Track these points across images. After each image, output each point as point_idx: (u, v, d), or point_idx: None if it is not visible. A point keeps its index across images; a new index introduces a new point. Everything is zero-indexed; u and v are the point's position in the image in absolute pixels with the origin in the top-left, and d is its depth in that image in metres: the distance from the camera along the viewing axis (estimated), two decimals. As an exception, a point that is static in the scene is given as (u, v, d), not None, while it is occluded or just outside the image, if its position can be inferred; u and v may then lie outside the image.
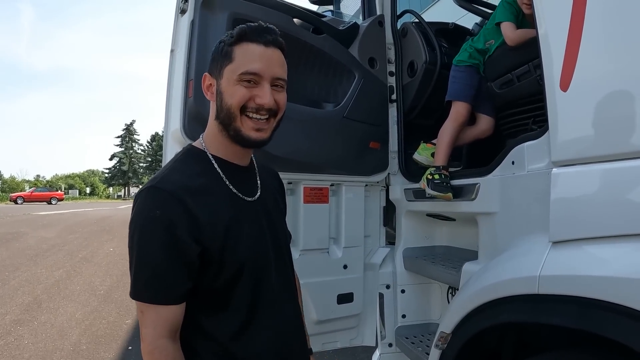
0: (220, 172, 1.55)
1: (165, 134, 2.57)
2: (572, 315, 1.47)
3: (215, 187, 1.52)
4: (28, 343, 5.73)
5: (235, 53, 1.49)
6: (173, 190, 1.40)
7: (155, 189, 1.42)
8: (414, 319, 3.18)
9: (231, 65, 1.49)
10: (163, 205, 1.38)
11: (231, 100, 1.47)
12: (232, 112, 1.47)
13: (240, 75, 1.46)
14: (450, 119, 2.90)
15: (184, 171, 1.51)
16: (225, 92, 1.49)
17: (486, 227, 2.30)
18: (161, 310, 1.38)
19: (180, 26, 2.54)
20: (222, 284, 1.48)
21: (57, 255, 11.69)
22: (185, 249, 1.38)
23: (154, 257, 1.38)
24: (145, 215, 1.40)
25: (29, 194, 53.14)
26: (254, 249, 1.55)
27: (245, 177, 1.65)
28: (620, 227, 1.45)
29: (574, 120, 1.67)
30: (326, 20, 3.11)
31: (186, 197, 1.41)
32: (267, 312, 1.57)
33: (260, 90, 1.47)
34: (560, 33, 1.68)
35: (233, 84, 1.48)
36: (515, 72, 2.56)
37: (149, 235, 1.39)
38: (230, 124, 1.49)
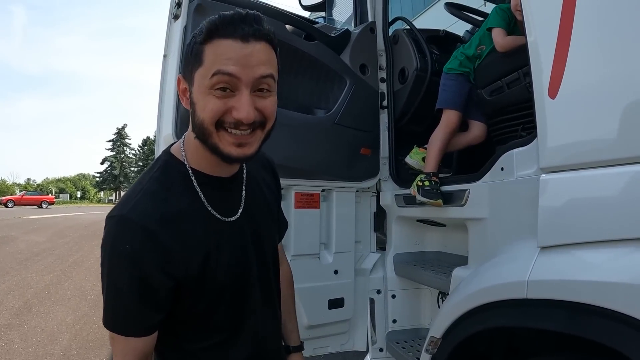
0: (200, 192, 1.36)
1: (158, 139, 2.58)
2: (560, 319, 1.49)
3: (193, 211, 1.35)
4: (18, 348, 5.68)
5: (206, 54, 1.20)
6: (144, 223, 1.24)
7: (125, 219, 1.26)
8: (405, 324, 3.19)
9: (201, 70, 1.20)
10: (132, 239, 1.23)
11: (203, 114, 1.22)
12: (206, 128, 1.23)
13: (211, 80, 1.18)
14: (441, 126, 2.90)
15: (158, 194, 1.32)
16: (197, 103, 1.23)
17: (476, 233, 2.32)
18: (131, 340, 1.31)
19: (173, 32, 2.55)
20: (201, 309, 1.39)
21: (47, 260, 11.61)
22: (156, 284, 1.27)
23: (122, 292, 1.27)
24: (115, 247, 1.25)
25: (20, 198, 52.80)
26: (235, 272, 1.43)
27: (228, 193, 1.46)
28: (608, 233, 1.46)
29: (562, 127, 1.69)
30: (318, 26, 3.13)
31: (158, 229, 1.25)
32: (248, 331, 1.50)
33: (237, 100, 1.20)
34: (549, 41, 1.69)
35: (205, 93, 1.21)
36: (505, 80, 2.58)
37: (118, 270, 1.26)
38: (207, 140, 1.25)
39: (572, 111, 1.64)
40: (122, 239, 1.24)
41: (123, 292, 1.26)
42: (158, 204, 1.29)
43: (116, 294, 1.28)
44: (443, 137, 2.87)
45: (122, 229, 1.25)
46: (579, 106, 1.62)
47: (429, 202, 2.62)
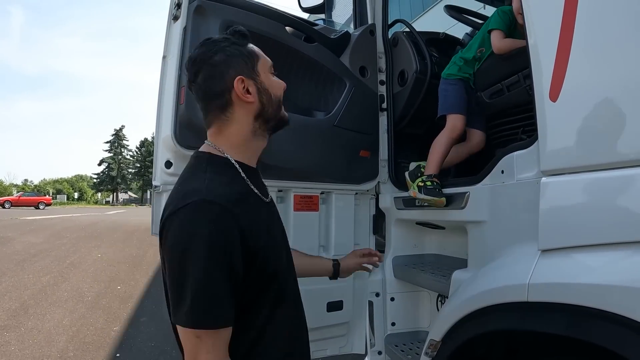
0: (246, 178, 1.56)
1: (156, 141, 2.57)
2: (561, 322, 1.48)
3: (247, 192, 1.55)
4: (15, 349, 5.67)
5: (255, 50, 1.62)
6: (225, 204, 1.36)
7: (206, 202, 1.35)
8: (404, 327, 3.18)
9: (261, 61, 1.61)
10: (217, 221, 1.33)
11: (280, 91, 1.66)
12: (280, 101, 1.66)
13: (271, 67, 1.65)
14: (446, 131, 2.84)
15: (222, 180, 1.48)
16: (272, 86, 1.62)
17: (476, 236, 2.31)
18: (222, 332, 1.34)
19: (173, 33, 2.54)
20: (264, 282, 1.49)
21: (44, 261, 11.61)
22: (237, 266, 1.36)
23: (212, 278, 1.30)
24: (198, 232, 1.31)
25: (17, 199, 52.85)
26: (283, 249, 1.66)
27: (259, 179, 1.71)
28: (609, 235, 1.46)
29: (563, 130, 1.69)
30: (318, 28, 3.12)
31: (236, 210, 1.38)
32: (289, 309, 1.63)
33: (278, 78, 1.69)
34: (550, 43, 1.69)
35: (271, 77, 1.64)
36: (505, 82, 2.58)
37: (205, 256, 1.30)
38: (278, 114, 1.66)
39: (574, 114, 1.64)
40: (207, 222, 1.33)
41: (212, 279, 1.30)
42: (226, 188, 1.45)
43: (206, 283, 1.30)
44: (447, 142, 2.82)
45: (206, 212, 1.34)
46: (580, 109, 1.62)
47: (432, 200, 2.58)
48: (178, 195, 1.43)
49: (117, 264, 11.60)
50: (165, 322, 1.31)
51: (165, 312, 1.50)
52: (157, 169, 2.53)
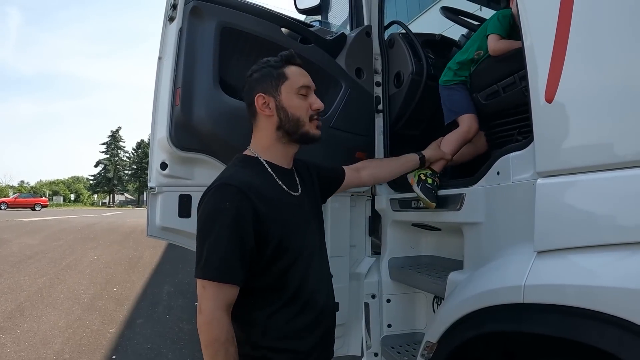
0: (272, 173, 1.86)
1: (152, 142, 2.57)
2: (557, 324, 1.49)
3: (270, 185, 1.82)
4: (10, 351, 5.66)
5: (288, 73, 1.88)
6: (240, 186, 1.67)
7: (225, 184, 1.70)
8: (400, 329, 3.18)
9: (288, 82, 1.87)
10: (232, 198, 1.66)
11: (299, 111, 1.87)
12: (302, 121, 1.87)
13: (299, 89, 1.87)
14: (461, 132, 2.79)
15: (245, 172, 1.79)
16: (290, 106, 1.86)
17: (471, 237, 2.31)
18: (223, 287, 1.62)
19: (169, 34, 2.54)
20: (277, 270, 1.74)
21: (40, 263, 11.57)
22: (248, 237, 1.65)
23: (222, 243, 1.62)
24: (216, 206, 1.67)
25: (13, 200, 52.65)
26: (306, 237, 1.87)
27: (290, 177, 1.96)
28: (605, 237, 1.46)
29: (558, 132, 1.69)
30: (314, 30, 3.12)
31: (250, 193, 1.67)
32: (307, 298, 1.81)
33: (312, 98, 1.92)
34: (545, 45, 1.69)
35: (295, 97, 1.86)
36: (501, 84, 2.58)
37: (220, 223, 1.64)
38: (298, 130, 1.87)
39: (569, 115, 1.64)
40: (222, 198, 1.67)
41: (223, 242, 1.63)
42: (247, 178, 1.75)
43: (217, 245, 1.63)
44: (460, 143, 2.79)
45: (223, 191, 1.69)
46: (575, 110, 1.62)
47: (424, 199, 2.56)
48: (215, 180, 1.78)
49: (113, 266, 11.57)
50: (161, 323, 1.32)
51: (161, 313, 1.57)
52: (152, 171, 2.53)
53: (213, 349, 1.60)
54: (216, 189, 1.70)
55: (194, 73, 2.47)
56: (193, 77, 2.47)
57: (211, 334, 1.60)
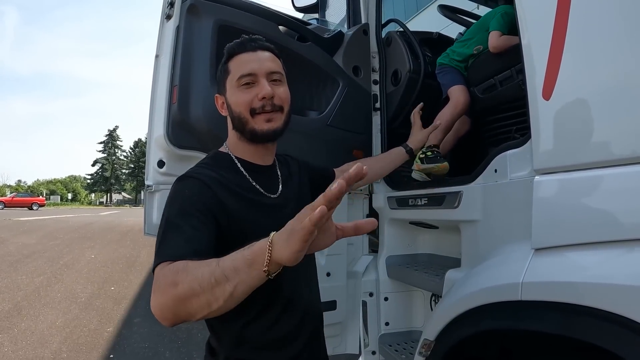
0: (243, 170, 1.70)
1: (149, 140, 2.56)
2: (555, 321, 1.48)
3: (239, 182, 1.65)
4: (8, 350, 5.65)
5: (230, 67, 1.69)
6: (200, 177, 1.54)
7: (185, 176, 1.57)
8: (397, 327, 3.17)
9: (230, 77, 1.69)
10: (192, 187, 1.52)
11: (239, 107, 1.66)
12: (244, 117, 1.66)
13: (238, 81, 1.65)
14: (450, 105, 2.95)
15: (211, 168, 1.64)
16: (232, 102, 1.68)
17: (469, 235, 2.31)
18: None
19: (166, 32, 2.53)
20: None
21: (37, 262, 11.58)
22: (207, 216, 1.45)
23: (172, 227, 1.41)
24: (177, 194, 1.52)
25: (10, 199, 52.55)
26: None
27: (268, 175, 1.79)
28: (603, 234, 1.46)
29: (556, 129, 1.68)
30: (311, 28, 3.11)
31: (214, 186, 1.54)
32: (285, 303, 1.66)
33: (259, 86, 1.65)
34: (543, 41, 1.69)
35: (236, 92, 1.67)
36: (498, 77, 2.59)
37: (177, 207, 1.46)
38: (245, 128, 1.67)
39: (567, 112, 1.64)
40: (183, 187, 1.53)
41: (172, 226, 1.41)
42: (211, 172, 1.60)
43: (166, 229, 1.41)
44: (450, 116, 2.94)
45: (183, 182, 1.55)
46: (573, 107, 1.61)
47: (435, 166, 2.68)
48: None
49: (110, 265, 11.57)
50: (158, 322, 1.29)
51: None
52: (149, 169, 2.52)
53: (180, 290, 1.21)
54: (177, 183, 1.57)
55: (191, 71, 2.46)
56: (190, 75, 2.46)
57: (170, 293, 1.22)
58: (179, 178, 1.58)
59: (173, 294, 1.20)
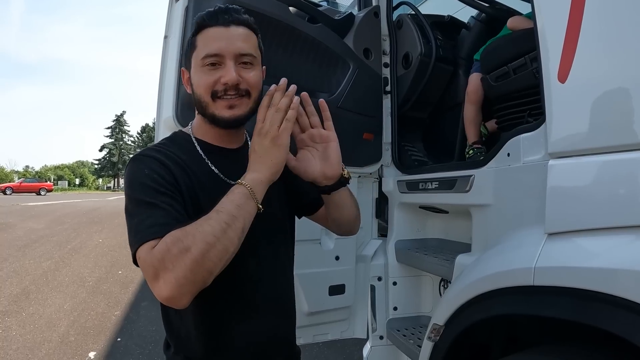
0: (202, 153, 1.57)
1: (157, 122, 2.54)
2: (568, 307, 1.46)
3: (195, 165, 1.53)
4: (16, 334, 5.69)
5: (197, 41, 1.51)
6: (154, 156, 1.44)
7: (138, 155, 1.48)
8: (406, 312, 3.17)
9: (195, 53, 1.51)
10: (150, 164, 1.41)
11: (199, 89, 1.50)
12: (204, 100, 1.50)
13: (203, 60, 1.48)
14: (466, 97, 3.10)
15: (165, 150, 1.51)
16: (194, 82, 1.53)
17: (480, 219, 2.29)
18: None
19: (174, 12, 2.51)
20: None
21: (45, 246, 11.64)
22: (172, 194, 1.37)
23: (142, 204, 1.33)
24: (134, 173, 1.40)
25: (18, 185, 52.94)
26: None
27: (233, 160, 1.61)
28: (617, 219, 1.44)
29: (571, 112, 1.66)
30: (322, 9, 3.08)
31: (170, 164, 1.44)
32: (241, 300, 1.56)
33: (223, 69, 1.48)
34: (559, 21, 1.66)
35: (199, 71, 1.50)
36: (512, 65, 2.55)
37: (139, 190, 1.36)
38: (205, 112, 1.53)
39: (583, 95, 1.61)
40: (137, 167, 1.41)
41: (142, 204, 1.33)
42: (166, 151, 1.49)
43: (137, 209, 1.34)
44: (469, 108, 3.06)
45: (138, 162, 1.44)
46: (590, 90, 1.58)
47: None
48: None
49: (118, 249, 11.62)
50: (166, 306, 1.29)
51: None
52: None
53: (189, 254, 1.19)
54: (131, 162, 1.45)
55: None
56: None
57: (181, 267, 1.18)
58: (133, 158, 1.47)
59: (190, 258, 1.17)
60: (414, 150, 3.58)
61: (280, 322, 1.70)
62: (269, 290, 1.63)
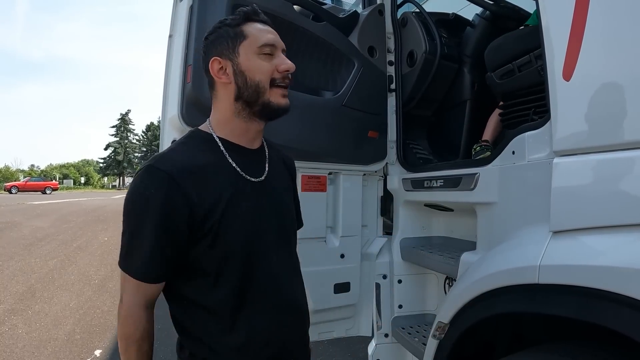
0: (225, 152, 1.57)
1: (163, 121, 2.55)
2: (572, 305, 1.46)
3: (217, 165, 1.53)
4: (22, 332, 5.71)
5: (247, 31, 1.55)
6: (170, 171, 1.42)
7: (153, 168, 1.44)
8: (411, 310, 3.17)
9: (247, 41, 1.54)
10: (159, 185, 1.41)
11: (260, 75, 1.53)
12: (262, 86, 1.53)
13: (260, 48, 1.53)
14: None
15: (185, 151, 1.53)
16: (249, 69, 1.53)
17: (485, 217, 2.29)
18: (141, 285, 1.46)
19: (179, 11, 2.51)
20: (214, 264, 1.48)
21: (51, 245, 11.67)
22: (175, 231, 1.42)
23: (143, 236, 1.41)
24: (141, 192, 1.42)
25: (24, 184, 53.04)
26: (251, 230, 1.54)
27: (253, 159, 1.65)
28: (622, 217, 1.43)
29: (576, 110, 1.65)
30: (326, 7, 3.09)
31: (183, 178, 1.43)
32: (262, 296, 1.55)
33: (279, 59, 1.56)
34: (564, 19, 1.66)
35: (254, 59, 1.53)
36: (516, 63, 2.55)
37: (143, 214, 1.42)
38: (258, 99, 1.54)
39: (588, 93, 1.61)
40: (149, 183, 1.42)
41: (146, 238, 1.41)
42: (184, 158, 1.49)
43: (139, 240, 1.43)
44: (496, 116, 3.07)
45: (150, 175, 1.44)
46: (594, 88, 1.58)
47: (480, 157, 2.76)
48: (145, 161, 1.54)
49: (123, 248, 11.62)
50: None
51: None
52: (163, 149, 2.51)
53: (125, 343, 1.49)
54: (144, 172, 1.45)
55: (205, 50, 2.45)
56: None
57: (127, 329, 1.48)
58: (146, 168, 1.45)
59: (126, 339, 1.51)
60: (418, 148, 3.58)
61: (298, 320, 1.70)
62: (288, 288, 1.65)
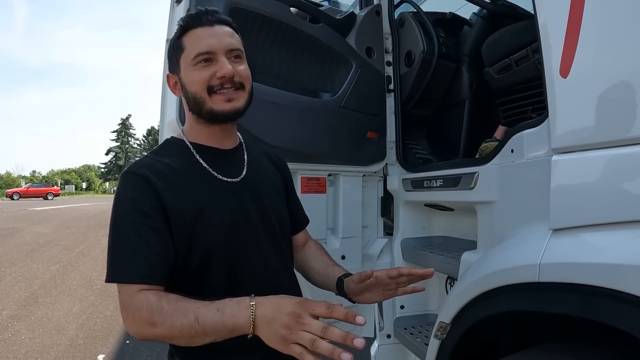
0: (197, 155, 1.59)
1: (161, 125, 2.55)
2: (574, 303, 1.45)
3: (190, 169, 1.55)
4: (25, 338, 5.71)
5: (185, 43, 1.56)
6: (144, 174, 1.45)
7: (127, 173, 1.47)
8: (413, 310, 3.16)
9: (184, 55, 1.55)
10: (134, 186, 1.43)
11: (194, 86, 1.53)
12: (200, 97, 1.53)
13: (195, 59, 1.52)
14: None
15: (158, 158, 1.55)
16: (187, 82, 1.56)
17: (485, 216, 2.28)
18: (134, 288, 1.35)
19: (176, 16, 2.50)
20: (195, 267, 1.48)
21: (53, 250, 11.69)
22: (155, 224, 1.41)
23: (125, 240, 1.39)
24: (119, 196, 1.45)
25: (25, 190, 53.14)
26: (229, 230, 1.54)
27: (228, 160, 1.67)
28: (623, 214, 1.43)
29: (574, 107, 1.65)
30: (323, 9, 3.09)
31: (153, 178, 1.45)
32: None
33: (217, 64, 1.52)
34: (560, 15, 1.65)
35: (191, 71, 1.54)
36: (514, 57, 2.55)
37: (123, 215, 1.41)
38: (202, 109, 1.55)
39: (586, 90, 1.60)
40: (124, 188, 1.44)
41: (126, 237, 1.39)
42: (155, 162, 1.52)
43: (119, 240, 1.40)
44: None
45: (124, 181, 1.46)
46: (592, 84, 1.58)
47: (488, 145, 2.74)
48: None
49: (125, 252, 11.63)
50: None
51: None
52: None
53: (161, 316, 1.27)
54: (120, 179, 1.49)
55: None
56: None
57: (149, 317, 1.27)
58: (122, 174, 1.50)
59: (152, 333, 1.28)
60: (418, 148, 3.58)
61: None
62: (276, 289, 1.56)
